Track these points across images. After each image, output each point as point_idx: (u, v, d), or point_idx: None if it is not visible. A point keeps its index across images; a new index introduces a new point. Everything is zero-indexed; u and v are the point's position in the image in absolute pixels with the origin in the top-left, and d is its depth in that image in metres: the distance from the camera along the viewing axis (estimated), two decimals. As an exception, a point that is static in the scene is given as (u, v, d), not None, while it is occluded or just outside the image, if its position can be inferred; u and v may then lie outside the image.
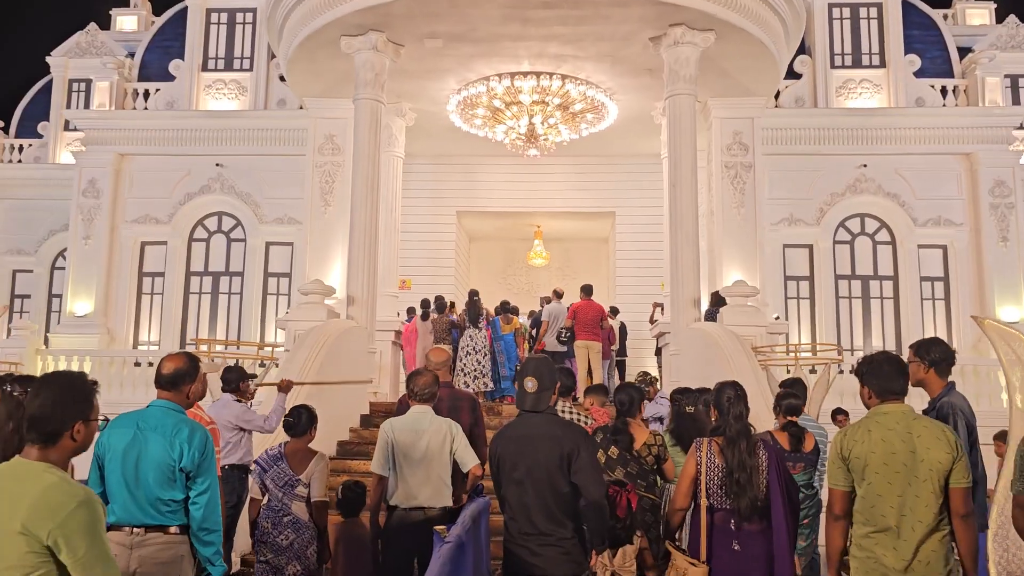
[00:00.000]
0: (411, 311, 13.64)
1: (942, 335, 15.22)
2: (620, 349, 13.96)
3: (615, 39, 10.97)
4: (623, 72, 12.02)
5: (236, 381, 6.01)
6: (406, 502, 4.72)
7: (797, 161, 15.03)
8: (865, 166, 15.19)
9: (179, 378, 3.59)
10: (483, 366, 11.71)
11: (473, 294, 12.19)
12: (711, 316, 11.26)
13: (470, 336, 11.86)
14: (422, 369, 5.05)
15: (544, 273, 18.40)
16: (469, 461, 4.73)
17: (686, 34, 10.46)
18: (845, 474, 3.41)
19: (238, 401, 5.99)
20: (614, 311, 14.23)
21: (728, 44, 10.92)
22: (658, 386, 8.01)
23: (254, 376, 7.02)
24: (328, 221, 13.59)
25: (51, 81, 18.54)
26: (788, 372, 11.53)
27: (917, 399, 3.94)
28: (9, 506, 2.23)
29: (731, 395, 4.07)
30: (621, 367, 14.16)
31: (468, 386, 11.66)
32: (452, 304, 13.39)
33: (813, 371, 11.56)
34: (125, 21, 19.32)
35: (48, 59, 18.41)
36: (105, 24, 19.07)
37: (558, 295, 12.83)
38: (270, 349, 11.03)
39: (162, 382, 3.58)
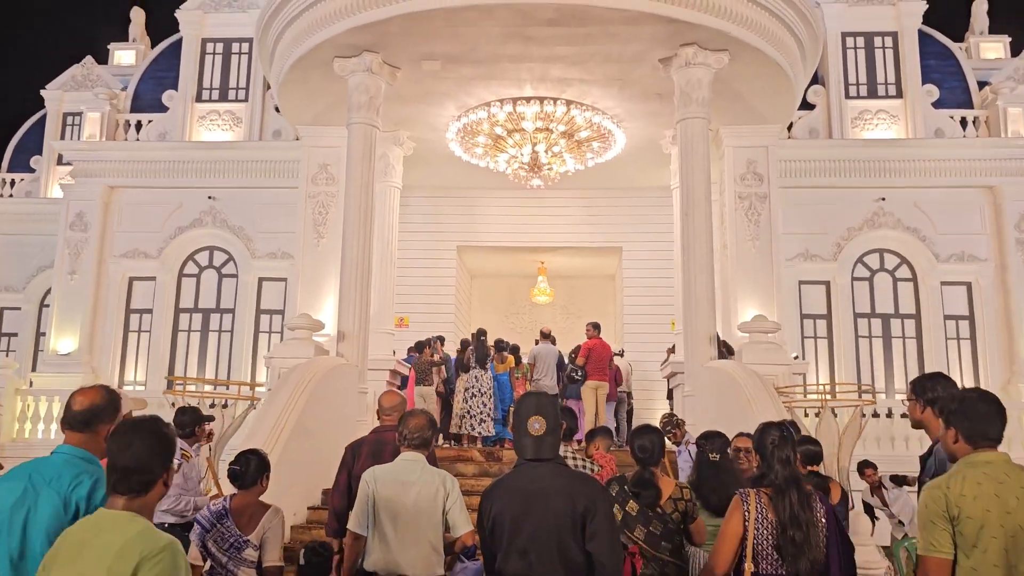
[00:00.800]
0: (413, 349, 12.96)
1: (968, 376, 14.46)
2: (629, 393, 13.29)
3: (623, 60, 10.41)
4: (631, 97, 11.45)
5: (191, 425, 5.25)
6: (385, 568, 3.96)
7: (811, 194, 14.42)
8: (883, 199, 14.58)
9: (93, 416, 2.88)
10: (489, 409, 11.14)
11: (480, 334, 11.64)
12: None
13: (475, 377, 11.33)
14: (416, 410, 4.36)
15: (548, 311, 17.68)
16: (462, 526, 3.97)
17: (698, 54, 9.89)
18: (949, 538, 2.69)
19: (183, 455, 5.18)
20: (621, 352, 13.60)
21: (742, 66, 10.35)
22: (685, 429, 7.13)
23: (211, 419, 6.25)
24: (321, 254, 12.94)
25: (45, 115, 18.21)
26: (807, 415, 10.77)
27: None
28: (96, 558, 2.18)
29: (776, 437, 3.35)
30: (629, 411, 13.42)
31: (475, 429, 11.07)
32: (440, 340, 12.68)
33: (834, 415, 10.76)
34: (123, 55, 19.02)
35: (43, 92, 18.10)
36: (103, 59, 18.76)
37: (545, 335, 12.29)
38: (255, 389, 10.27)
39: (71, 421, 2.87)
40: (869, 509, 8.97)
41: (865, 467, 8.95)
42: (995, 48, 17.86)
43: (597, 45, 10.01)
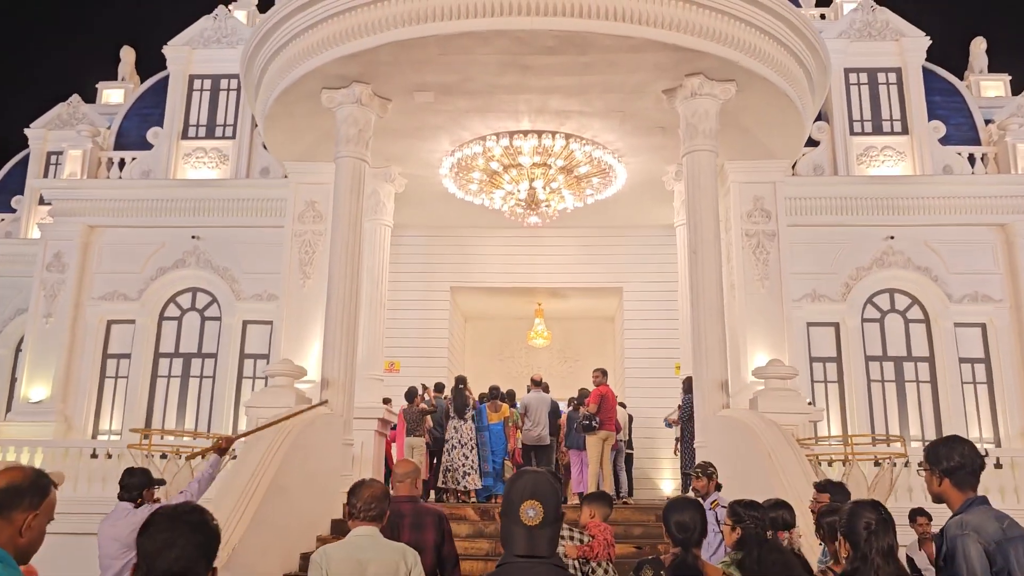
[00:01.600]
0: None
1: (985, 421, 13.83)
2: (628, 442, 12.58)
3: (624, 91, 9.92)
4: (632, 130, 10.96)
5: (139, 488, 4.57)
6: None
7: (818, 232, 13.92)
8: (892, 238, 14.09)
9: (10, 498, 2.23)
10: (472, 461, 10.45)
11: (460, 381, 11.03)
12: (689, 405, 10.04)
13: (455, 428, 10.74)
14: (368, 479, 3.83)
15: (545, 354, 17.02)
16: None
17: (704, 85, 9.41)
18: None
19: (138, 506, 4.52)
20: (621, 405, 12.94)
21: (749, 97, 9.87)
22: (717, 483, 6.06)
23: (162, 482, 5.58)
24: (307, 295, 12.28)
25: (29, 154, 17.71)
26: (820, 463, 10.07)
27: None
28: None
29: (871, 520, 2.69)
30: (629, 462, 12.69)
31: (459, 483, 10.34)
32: (438, 387, 11.98)
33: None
34: (111, 94, 18.62)
35: (26, 131, 17.63)
36: (92, 98, 18.36)
37: (536, 383, 11.66)
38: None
39: None
40: (911, 564, 8.13)
41: (918, 515, 8.04)
42: (996, 86, 17.62)
43: (598, 75, 9.53)
